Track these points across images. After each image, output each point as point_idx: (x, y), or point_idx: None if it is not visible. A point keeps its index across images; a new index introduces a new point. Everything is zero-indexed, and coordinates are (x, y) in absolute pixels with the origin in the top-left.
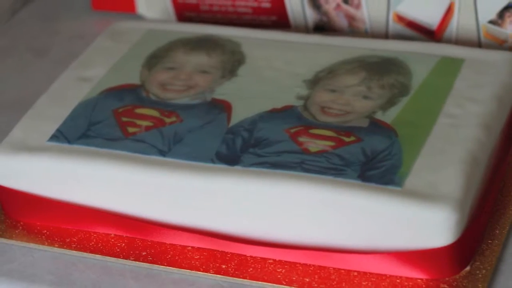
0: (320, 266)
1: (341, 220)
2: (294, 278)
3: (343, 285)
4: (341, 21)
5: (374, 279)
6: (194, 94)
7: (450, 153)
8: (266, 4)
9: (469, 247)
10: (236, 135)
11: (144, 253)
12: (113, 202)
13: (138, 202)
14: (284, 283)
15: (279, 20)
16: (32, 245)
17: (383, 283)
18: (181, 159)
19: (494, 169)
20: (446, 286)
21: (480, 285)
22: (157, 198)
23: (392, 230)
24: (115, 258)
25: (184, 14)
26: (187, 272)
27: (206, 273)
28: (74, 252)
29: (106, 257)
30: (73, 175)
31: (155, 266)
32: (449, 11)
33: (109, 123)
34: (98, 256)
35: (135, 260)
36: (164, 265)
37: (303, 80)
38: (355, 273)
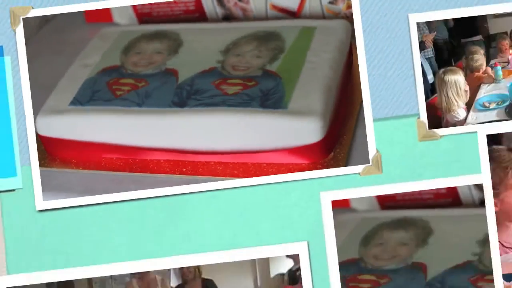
0: (243, 163)
1: (253, 133)
2: (227, 172)
3: (257, 172)
4: (238, 12)
5: (276, 167)
6: (154, 67)
7: (314, 85)
8: (192, 7)
9: (332, 141)
10: (183, 89)
11: (135, 167)
12: (113, 138)
13: (128, 136)
14: (222, 175)
15: (200, 16)
16: (65, 170)
17: (282, 168)
18: (151, 107)
19: (341, 93)
20: (320, 166)
21: (340, 163)
22: (139, 132)
23: (284, 136)
24: (117, 172)
25: (142, 18)
26: (163, 175)
27: (173, 175)
28: (92, 171)
29: (111, 172)
30: (86, 124)
31: (142, 174)
32: None
33: (105, 91)
34: (107, 172)
35: (130, 171)
36: (147, 173)
37: (219, 51)
38: (264, 165)
